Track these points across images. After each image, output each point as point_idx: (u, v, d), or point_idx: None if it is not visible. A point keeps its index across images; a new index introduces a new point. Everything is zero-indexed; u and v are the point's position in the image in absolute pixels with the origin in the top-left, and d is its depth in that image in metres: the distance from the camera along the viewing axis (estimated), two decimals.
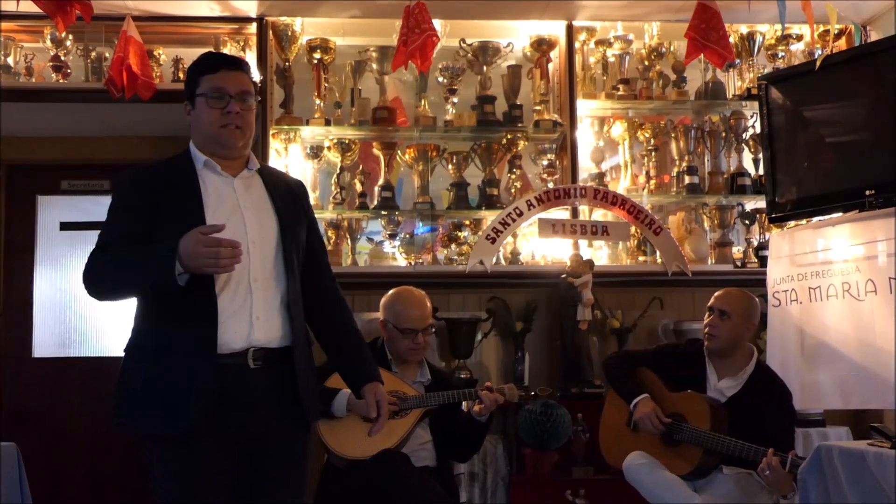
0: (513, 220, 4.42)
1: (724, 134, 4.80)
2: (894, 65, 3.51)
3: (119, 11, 4.37)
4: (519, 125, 4.69)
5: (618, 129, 4.83)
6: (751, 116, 4.75)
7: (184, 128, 2.45)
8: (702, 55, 4.19)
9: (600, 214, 4.63)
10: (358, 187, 4.62)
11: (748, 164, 4.81)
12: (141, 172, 2.40)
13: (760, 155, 4.51)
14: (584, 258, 4.35)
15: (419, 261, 4.60)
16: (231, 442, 2.29)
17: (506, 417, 4.13)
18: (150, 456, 2.30)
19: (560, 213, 4.52)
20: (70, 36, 4.55)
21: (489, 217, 4.58)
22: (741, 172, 4.74)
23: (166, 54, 4.75)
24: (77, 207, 5.36)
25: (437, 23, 4.18)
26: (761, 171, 4.53)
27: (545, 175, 4.69)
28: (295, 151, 4.65)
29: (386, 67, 4.61)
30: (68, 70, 4.61)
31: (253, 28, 4.63)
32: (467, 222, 4.72)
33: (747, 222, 4.73)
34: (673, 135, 4.80)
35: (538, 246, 4.65)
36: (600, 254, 4.72)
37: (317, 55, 4.60)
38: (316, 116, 4.58)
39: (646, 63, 4.82)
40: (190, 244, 2.14)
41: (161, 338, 2.28)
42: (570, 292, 4.26)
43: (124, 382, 2.32)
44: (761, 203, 4.44)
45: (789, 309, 3.84)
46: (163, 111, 4.34)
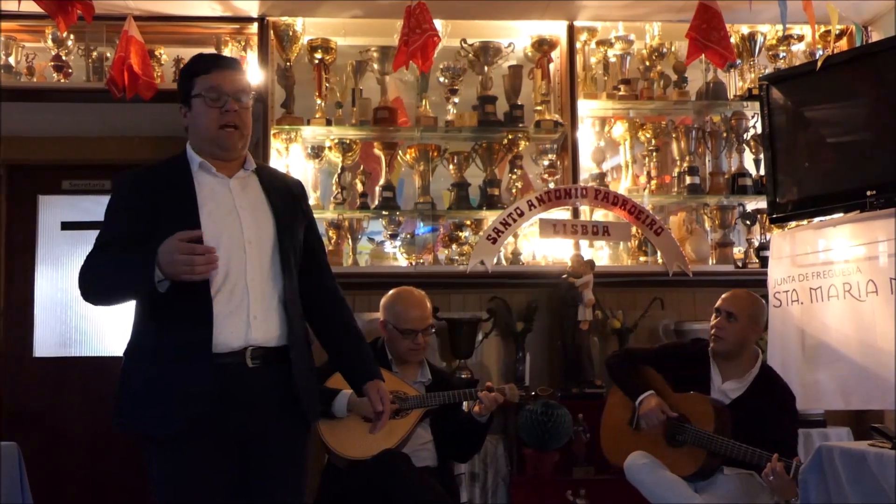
0: (514, 221, 4.42)
1: (725, 134, 4.79)
2: (895, 65, 3.51)
3: (120, 11, 4.36)
4: (520, 125, 4.69)
5: (619, 130, 4.83)
6: (752, 117, 4.75)
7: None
8: (703, 55, 4.18)
9: (601, 215, 4.63)
10: (359, 187, 4.62)
11: (749, 165, 4.81)
12: (137, 174, 2.40)
13: (761, 155, 4.52)
14: (585, 258, 4.35)
15: (420, 261, 4.60)
16: (230, 441, 2.29)
17: (506, 417, 4.13)
18: (149, 456, 2.30)
19: (561, 214, 4.52)
20: (71, 36, 4.55)
21: (490, 217, 4.58)
22: (742, 173, 4.74)
23: (167, 54, 4.75)
24: (78, 207, 5.37)
25: (439, 23, 4.18)
26: (762, 172, 4.52)
27: (546, 175, 4.69)
28: (296, 151, 4.66)
29: (387, 67, 4.61)
30: (69, 70, 4.61)
31: (254, 28, 4.63)
32: (468, 222, 4.71)
33: (748, 223, 4.73)
34: (674, 135, 4.79)
35: (539, 246, 4.64)
36: (601, 254, 4.72)
37: (318, 55, 4.60)
38: (317, 116, 4.58)
39: (647, 63, 4.82)
40: (166, 252, 2.14)
41: (158, 339, 2.28)
42: (571, 292, 4.26)
43: (124, 383, 2.32)
44: (762, 203, 4.44)
45: (790, 309, 3.83)
46: (164, 111, 4.32)
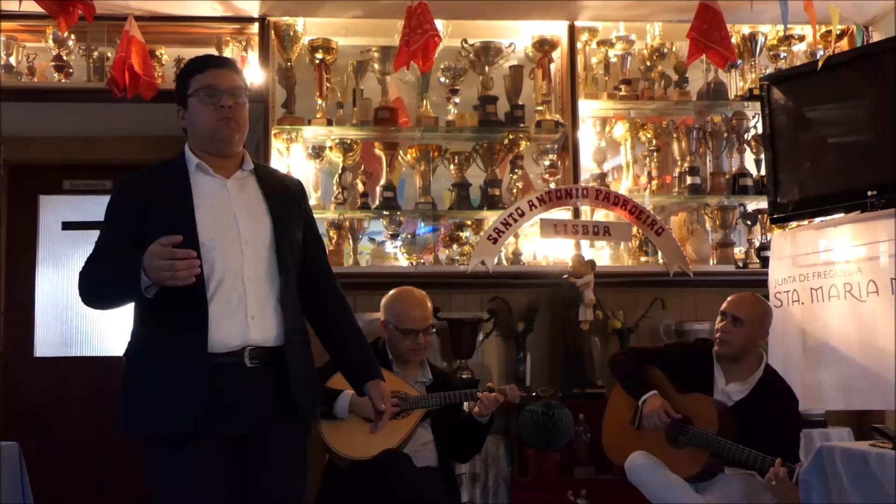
0: (514, 221, 4.42)
1: (726, 134, 4.79)
2: None
3: (121, 11, 4.36)
4: (521, 125, 4.68)
5: (619, 130, 4.83)
6: (753, 117, 4.75)
7: None
8: (704, 55, 4.18)
9: (602, 215, 4.62)
10: (360, 187, 4.62)
11: (750, 165, 4.81)
12: (133, 178, 2.41)
13: (762, 155, 4.51)
14: (586, 258, 4.34)
15: (421, 261, 4.60)
16: (229, 441, 2.30)
17: (508, 418, 4.12)
18: (148, 458, 2.31)
19: (562, 214, 4.52)
20: (72, 36, 4.55)
21: (491, 217, 4.57)
22: (743, 173, 4.74)
23: (168, 54, 4.75)
24: (79, 207, 5.38)
25: (439, 23, 4.18)
26: (763, 172, 4.52)
27: (547, 175, 4.69)
28: (297, 151, 4.66)
29: (388, 68, 4.61)
30: (70, 70, 4.61)
31: (255, 28, 4.63)
32: (469, 222, 4.71)
33: (749, 223, 4.73)
34: (675, 135, 4.79)
35: (540, 246, 4.64)
36: (602, 254, 4.72)
37: (319, 55, 4.59)
38: (318, 116, 4.57)
39: (648, 63, 4.82)
40: (148, 257, 2.14)
41: (155, 342, 2.29)
42: (572, 293, 4.26)
43: (124, 388, 2.34)
44: (763, 203, 4.43)
45: (791, 310, 3.83)
46: (165, 111, 4.25)
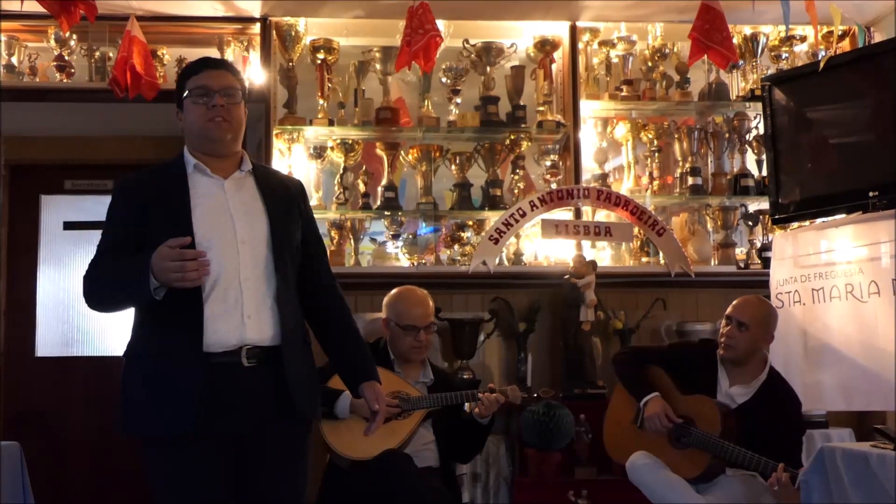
0: (516, 221, 4.42)
1: (728, 135, 4.79)
2: None
3: (123, 11, 4.36)
4: (522, 126, 4.68)
5: (621, 130, 4.83)
6: (754, 117, 4.74)
7: None
8: (705, 56, 4.18)
9: (603, 215, 4.62)
10: (361, 188, 4.62)
11: (751, 166, 4.80)
12: (132, 179, 2.43)
13: (764, 156, 4.50)
14: (588, 259, 4.34)
15: (422, 261, 4.60)
16: (228, 441, 2.30)
17: (509, 418, 4.13)
18: (148, 458, 2.31)
19: (563, 214, 4.52)
20: (74, 36, 4.56)
21: (492, 218, 4.57)
22: (744, 173, 4.74)
23: (170, 54, 4.75)
24: (80, 207, 5.37)
25: (441, 23, 4.18)
26: (765, 173, 4.51)
27: (548, 176, 4.69)
28: (298, 152, 4.66)
29: (389, 68, 4.61)
30: (72, 70, 4.61)
31: (256, 28, 4.63)
32: (470, 223, 4.71)
33: (750, 223, 4.72)
34: (676, 136, 4.79)
35: (541, 247, 4.64)
36: (603, 255, 4.71)
37: (320, 55, 4.60)
38: (319, 117, 4.58)
39: (649, 64, 4.82)
40: (157, 259, 2.15)
41: (154, 342, 2.30)
42: (573, 293, 4.26)
43: (124, 386, 2.34)
44: (764, 204, 4.43)
45: (792, 310, 3.83)
46: (166, 111, 4.25)
